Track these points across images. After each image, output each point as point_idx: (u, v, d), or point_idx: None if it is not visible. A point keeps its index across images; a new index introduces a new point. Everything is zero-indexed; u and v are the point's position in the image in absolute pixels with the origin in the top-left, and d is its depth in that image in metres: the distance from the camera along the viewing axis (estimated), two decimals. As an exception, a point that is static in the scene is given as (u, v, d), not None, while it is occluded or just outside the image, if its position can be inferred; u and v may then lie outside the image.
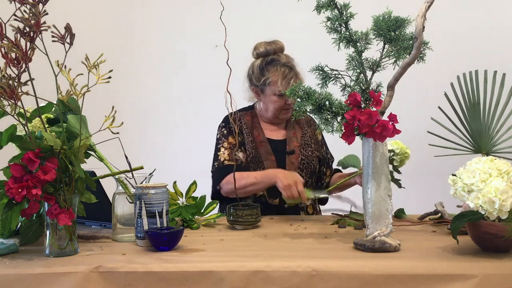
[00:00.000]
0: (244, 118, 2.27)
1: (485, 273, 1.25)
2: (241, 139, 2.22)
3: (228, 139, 2.20)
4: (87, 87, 1.42)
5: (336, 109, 1.48)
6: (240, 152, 2.18)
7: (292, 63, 2.18)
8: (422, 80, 2.77)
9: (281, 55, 2.21)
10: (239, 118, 2.26)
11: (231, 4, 1.98)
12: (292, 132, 2.28)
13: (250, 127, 2.25)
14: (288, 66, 2.16)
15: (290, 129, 2.29)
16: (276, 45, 2.22)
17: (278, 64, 2.17)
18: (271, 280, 1.29)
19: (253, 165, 2.18)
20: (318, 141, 2.33)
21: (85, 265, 1.32)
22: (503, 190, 1.31)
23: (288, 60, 2.19)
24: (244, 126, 2.24)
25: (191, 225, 1.83)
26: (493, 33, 3.00)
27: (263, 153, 2.20)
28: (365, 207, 1.47)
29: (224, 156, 2.17)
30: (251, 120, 2.28)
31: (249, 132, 2.23)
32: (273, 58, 2.20)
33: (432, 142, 2.66)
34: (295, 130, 2.29)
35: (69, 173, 1.47)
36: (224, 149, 2.19)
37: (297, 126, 2.30)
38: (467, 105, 2.65)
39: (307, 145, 2.26)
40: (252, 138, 2.22)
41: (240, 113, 2.28)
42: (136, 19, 3.44)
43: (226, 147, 2.19)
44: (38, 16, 1.33)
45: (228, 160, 2.15)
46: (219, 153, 2.19)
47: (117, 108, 1.49)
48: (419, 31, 1.42)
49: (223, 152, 2.18)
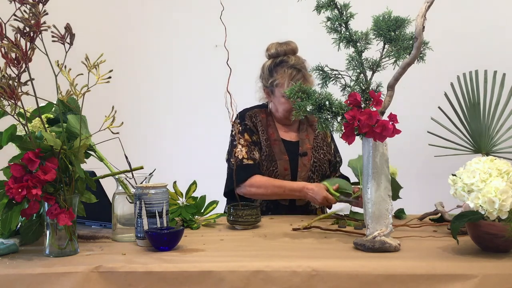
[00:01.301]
0: (259, 116, 2.26)
1: (485, 273, 1.25)
2: (256, 138, 2.21)
3: (244, 136, 2.20)
4: (87, 87, 1.42)
5: (336, 109, 1.48)
6: (257, 152, 2.18)
7: (301, 65, 2.17)
8: (422, 80, 2.77)
9: (291, 56, 2.19)
10: (254, 115, 2.25)
11: (231, 4, 1.98)
12: (305, 134, 2.27)
13: (265, 125, 2.24)
14: (296, 68, 2.15)
15: (303, 131, 2.28)
16: (288, 46, 2.22)
17: (286, 66, 2.16)
18: (271, 280, 1.29)
19: (266, 163, 2.18)
20: (329, 143, 2.32)
21: (85, 265, 1.32)
22: (503, 190, 1.31)
23: (298, 62, 2.18)
24: (259, 123, 2.23)
25: (191, 225, 1.83)
26: (493, 33, 3.00)
27: (277, 152, 2.20)
28: (365, 207, 1.47)
29: (242, 154, 2.15)
30: (266, 118, 2.27)
31: (263, 130, 2.22)
32: (282, 59, 2.19)
33: (432, 142, 2.66)
34: (307, 132, 2.28)
35: (69, 173, 1.47)
36: (242, 146, 2.16)
37: (310, 129, 2.29)
38: (467, 105, 2.65)
39: (320, 148, 2.26)
40: (266, 136, 2.21)
41: (255, 110, 2.28)
42: (136, 19, 3.44)
43: (243, 144, 2.17)
44: (38, 16, 1.33)
45: (247, 158, 2.14)
46: (236, 150, 2.14)
47: (117, 108, 1.49)
48: (419, 31, 1.42)
49: (240, 150, 2.15)
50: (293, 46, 2.23)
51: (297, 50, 2.24)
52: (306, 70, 2.17)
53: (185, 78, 3.40)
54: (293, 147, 2.23)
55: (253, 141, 2.20)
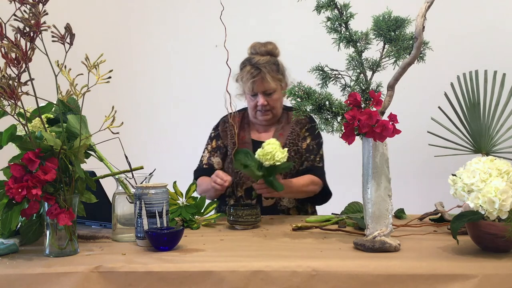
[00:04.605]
0: (235, 119, 2.24)
1: (485, 273, 1.25)
2: (222, 143, 2.23)
3: (212, 142, 2.27)
4: (87, 87, 1.42)
5: (336, 109, 1.48)
6: (216, 158, 2.23)
7: (263, 65, 2.10)
8: (422, 80, 2.78)
9: (257, 56, 2.14)
10: (227, 120, 2.25)
11: (231, 4, 1.98)
12: (279, 133, 2.23)
13: (238, 127, 2.24)
14: (255, 67, 2.11)
15: (278, 130, 2.25)
16: (263, 47, 2.17)
17: (249, 64, 2.14)
18: (271, 280, 1.29)
19: (231, 166, 2.17)
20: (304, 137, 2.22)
21: (85, 265, 1.32)
22: (503, 190, 1.31)
23: (261, 61, 2.11)
24: (230, 127, 2.24)
25: (191, 225, 1.83)
26: (493, 33, 3.00)
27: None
28: (365, 207, 1.47)
29: (204, 159, 2.26)
30: (241, 120, 2.28)
31: (234, 133, 2.22)
32: (249, 57, 2.17)
33: (432, 142, 2.66)
34: (283, 130, 2.24)
35: (69, 173, 1.47)
36: (207, 151, 2.27)
37: (287, 126, 2.24)
38: (467, 105, 2.65)
39: (293, 145, 2.19)
40: (236, 140, 2.20)
41: (233, 114, 2.25)
42: (136, 19, 3.44)
43: (208, 149, 2.27)
44: (38, 16, 1.33)
45: (206, 164, 2.24)
46: (203, 155, 2.28)
47: (117, 108, 1.49)
48: (419, 31, 1.42)
49: (204, 155, 2.27)
50: (269, 47, 2.17)
51: (275, 51, 2.18)
52: (271, 71, 2.11)
53: (185, 78, 3.40)
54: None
55: (218, 146, 2.24)
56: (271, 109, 2.18)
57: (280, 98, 2.20)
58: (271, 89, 2.13)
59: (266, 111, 2.17)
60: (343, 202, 1.97)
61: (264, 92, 2.14)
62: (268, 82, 2.11)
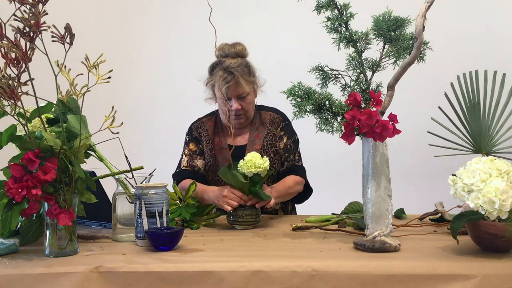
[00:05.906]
0: (206, 125, 2.21)
1: (485, 273, 1.25)
2: (201, 147, 2.19)
3: (189, 146, 2.20)
4: (87, 87, 1.42)
5: (336, 109, 1.48)
6: (199, 160, 2.17)
7: (236, 69, 2.04)
8: (422, 80, 2.77)
9: (229, 59, 2.08)
10: (200, 125, 2.21)
11: (231, 4, 1.98)
12: (255, 135, 2.18)
13: (212, 133, 2.20)
14: (228, 71, 2.04)
15: (253, 131, 2.19)
16: (232, 48, 2.10)
17: (220, 68, 2.07)
18: (271, 280, 1.29)
19: (211, 173, 2.16)
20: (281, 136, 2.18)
21: (85, 265, 1.32)
22: (503, 190, 1.31)
23: (232, 65, 2.05)
24: (204, 133, 2.19)
25: (191, 225, 1.83)
26: (493, 33, 3.00)
27: (221, 161, 2.14)
28: (365, 207, 1.47)
29: (184, 162, 2.18)
30: (213, 126, 2.22)
31: (209, 140, 2.18)
32: (220, 60, 2.10)
33: (432, 142, 2.66)
34: (258, 131, 2.19)
35: (69, 173, 1.47)
36: (185, 155, 2.20)
37: (261, 127, 2.19)
38: (467, 105, 2.65)
39: (271, 145, 2.15)
40: (212, 146, 2.17)
41: (202, 120, 2.23)
42: (135, 19, 3.43)
43: (186, 153, 2.20)
44: (38, 16, 1.33)
45: (186, 166, 2.16)
46: (181, 159, 2.21)
47: (117, 108, 1.49)
48: (419, 31, 1.42)
49: (183, 159, 2.19)
50: (238, 48, 2.10)
51: (243, 53, 2.12)
52: (244, 75, 2.06)
53: (185, 78, 3.39)
54: (241, 152, 2.12)
55: (198, 149, 2.19)
56: (245, 113, 2.13)
57: (253, 100, 2.16)
58: (245, 92, 2.08)
59: (240, 115, 2.12)
60: (343, 202, 1.97)
61: (238, 96, 2.08)
62: (242, 86, 2.06)
